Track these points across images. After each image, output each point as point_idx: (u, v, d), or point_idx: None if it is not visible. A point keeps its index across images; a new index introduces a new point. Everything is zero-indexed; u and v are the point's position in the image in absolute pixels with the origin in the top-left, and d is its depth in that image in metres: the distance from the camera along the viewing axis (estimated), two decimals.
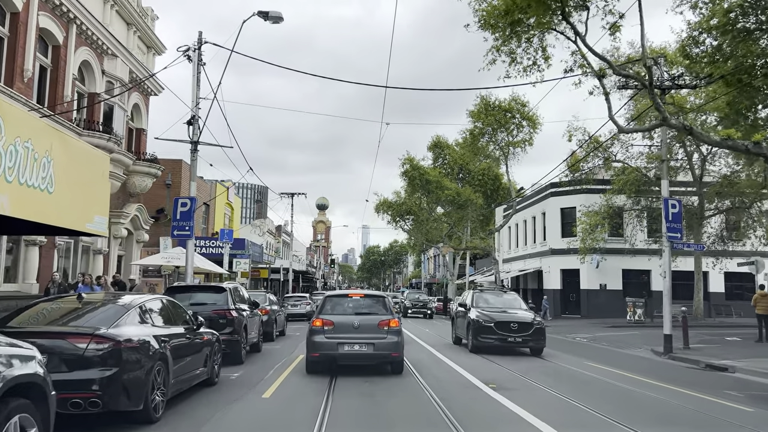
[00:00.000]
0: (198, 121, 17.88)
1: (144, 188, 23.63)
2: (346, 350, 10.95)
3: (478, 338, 15.40)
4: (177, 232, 17.57)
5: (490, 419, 7.95)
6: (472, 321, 15.73)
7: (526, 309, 16.93)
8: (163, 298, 8.64)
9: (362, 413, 8.25)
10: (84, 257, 20.90)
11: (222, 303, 12.77)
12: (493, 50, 16.30)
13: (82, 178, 11.26)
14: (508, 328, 15.21)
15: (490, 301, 17.07)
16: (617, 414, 8.00)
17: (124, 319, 6.93)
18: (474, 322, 15.66)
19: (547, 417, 7.60)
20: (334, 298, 12.08)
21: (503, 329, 15.21)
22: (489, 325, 15.29)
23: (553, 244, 39.33)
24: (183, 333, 8.38)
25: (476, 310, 16.11)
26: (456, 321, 18.44)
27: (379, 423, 7.74)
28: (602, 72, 14.72)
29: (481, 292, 18.08)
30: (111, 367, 6.25)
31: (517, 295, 18.59)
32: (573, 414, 8.33)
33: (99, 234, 12.35)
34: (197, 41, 17.85)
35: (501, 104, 37.92)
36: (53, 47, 18.05)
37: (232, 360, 12.52)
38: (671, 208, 17.21)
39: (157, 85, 25.05)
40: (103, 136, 19.14)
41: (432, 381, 10.62)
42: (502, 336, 15.17)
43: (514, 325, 15.24)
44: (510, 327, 15.21)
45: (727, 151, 29.23)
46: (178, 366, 7.81)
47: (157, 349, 7.11)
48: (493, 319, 15.43)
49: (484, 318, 15.53)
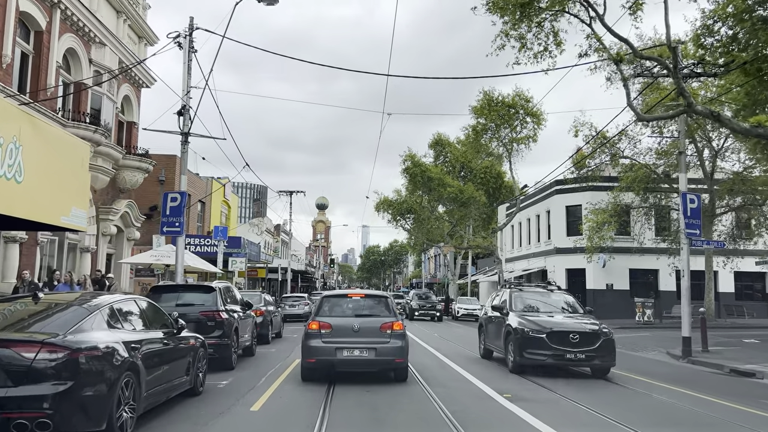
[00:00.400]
0: (189, 111, 16.94)
1: (134, 183, 22.65)
2: (345, 356, 9.96)
3: (523, 354, 11.55)
4: (166, 229, 16.60)
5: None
6: (515, 330, 11.92)
7: (583, 313, 13.04)
8: (137, 299, 7.65)
9: (364, 430, 7.27)
10: (70, 255, 19.91)
11: (211, 304, 11.79)
12: (502, 35, 15.38)
13: (58, 167, 10.29)
14: (566, 341, 11.39)
15: (535, 304, 13.31)
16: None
17: (86, 324, 5.95)
18: (517, 331, 11.83)
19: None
20: (332, 298, 11.07)
21: (560, 342, 11.39)
22: (539, 336, 11.48)
23: (558, 243, 38.36)
24: (160, 338, 7.40)
25: (518, 316, 12.41)
26: (487, 328, 14.42)
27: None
28: (620, 56, 13.75)
29: (521, 291, 13.95)
30: (65, 381, 5.26)
31: (570, 295, 14.23)
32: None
33: (77, 228, 11.39)
34: (188, 27, 16.92)
35: (504, 99, 37.00)
36: (36, 33, 17.07)
37: (221, 365, 11.56)
38: (690, 203, 16.20)
39: (148, 76, 24.09)
40: (89, 127, 18.17)
41: (440, 390, 9.63)
42: (558, 351, 11.35)
43: (574, 337, 11.41)
44: (569, 339, 11.40)
45: (741, 147, 28.32)
46: (152, 376, 6.83)
47: (126, 358, 6.13)
48: (545, 328, 11.63)
49: (532, 327, 11.75)
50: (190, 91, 16.89)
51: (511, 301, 13.16)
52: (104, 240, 21.46)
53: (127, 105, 23.32)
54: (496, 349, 13.59)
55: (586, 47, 14.12)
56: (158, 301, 11.60)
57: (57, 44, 17.65)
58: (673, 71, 12.37)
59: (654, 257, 33.75)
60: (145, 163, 22.88)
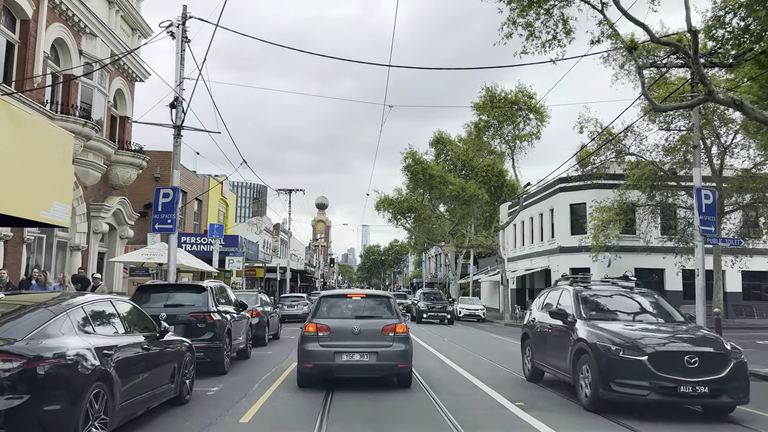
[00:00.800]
0: (182, 103, 16.28)
1: (127, 180, 21.94)
2: (345, 360, 9.25)
3: (610, 384, 7.80)
4: (158, 226, 15.92)
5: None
6: (593, 348, 8.17)
7: (684, 321, 9.28)
8: (114, 300, 6.94)
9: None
10: (60, 254, 19.19)
11: (201, 304, 11.08)
12: (509, 23, 14.67)
13: (38, 158, 9.58)
14: (679, 366, 7.65)
15: (613, 308, 9.52)
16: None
17: (51, 328, 5.25)
18: (598, 351, 8.06)
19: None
20: (331, 298, 10.35)
21: (669, 368, 7.64)
22: (637, 359, 7.74)
23: (562, 242, 37.65)
24: (139, 343, 6.70)
25: (592, 326, 8.64)
26: (535, 340, 10.63)
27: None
28: (634, 43, 13.03)
29: (591, 289, 9.98)
30: (21, 394, 4.57)
31: (657, 295, 10.22)
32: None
33: (58, 224, 10.68)
34: (181, 16, 16.26)
35: (507, 96, 36.39)
36: (22, 21, 16.34)
37: (213, 370, 10.88)
38: (704, 199, 15.53)
39: (142, 70, 23.39)
40: (79, 120, 17.44)
41: (447, 398, 8.93)
42: (667, 382, 7.58)
43: (692, 360, 7.67)
44: (685, 364, 7.66)
45: (750, 143, 27.63)
46: (129, 385, 6.13)
47: (97, 366, 5.43)
48: (644, 345, 7.86)
49: (622, 343, 7.97)
50: (183, 82, 16.25)
51: (578, 304, 9.32)
52: (96, 238, 20.74)
53: (120, 99, 22.60)
54: (552, 370, 9.78)
55: (598, 34, 13.39)
56: (146, 302, 10.98)
57: (45, 34, 16.93)
58: (693, 57, 11.66)
59: (660, 256, 33.04)
60: (139, 159, 22.17)
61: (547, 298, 10.88)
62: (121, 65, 21.84)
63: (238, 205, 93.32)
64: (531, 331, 11.00)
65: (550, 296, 10.77)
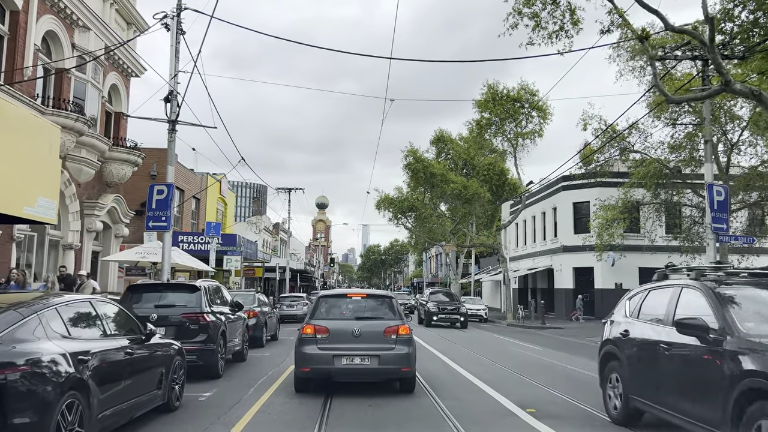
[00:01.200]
0: (176, 97, 15.78)
1: (122, 177, 21.44)
2: (345, 364, 8.74)
3: None
4: (152, 223, 15.46)
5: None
6: None
7: None
8: (93, 300, 6.43)
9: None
10: (52, 252, 18.68)
11: (194, 305, 10.56)
12: (514, 13, 14.16)
13: (21, 151, 9.04)
14: None
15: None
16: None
17: (18, 332, 4.74)
18: None
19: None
20: (330, 299, 9.83)
21: None
22: None
23: (565, 241, 37.13)
24: (122, 347, 6.19)
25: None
26: (626, 363, 7.18)
27: None
28: (646, 33, 12.52)
29: (734, 286, 6.29)
30: None
31: None
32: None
33: (43, 220, 10.15)
34: (176, 8, 15.79)
35: (509, 93, 35.90)
36: (11, 13, 15.84)
37: (206, 374, 10.38)
38: (717, 196, 15.03)
39: (137, 65, 22.89)
40: (71, 115, 16.94)
41: (453, 403, 8.42)
42: None
43: None
44: None
45: (758, 140, 27.13)
46: (109, 393, 5.63)
47: (71, 374, 4.93)
48: None
49: None
50: (178, 76, 15.76)
51: (724, 311, 5.69)
52: (89, 236, 20.24)
53: (114, 95, 22.10)
54: (677, 417, 5.98)
55: (608, 23, 12.88)
56: (137, 302, 10.47)
57: (35, 26, 16.44)
58: (709, 45, 11.14)
59: (665, 255, 32.44)
60: (134, 156, 21.67)
61: (648, 301, 7.26)
62: (115, 60, 21.35)
63: (238, 204, 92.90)
64: (622, 350, 7.29)
65: (654, 298, 7.15)
